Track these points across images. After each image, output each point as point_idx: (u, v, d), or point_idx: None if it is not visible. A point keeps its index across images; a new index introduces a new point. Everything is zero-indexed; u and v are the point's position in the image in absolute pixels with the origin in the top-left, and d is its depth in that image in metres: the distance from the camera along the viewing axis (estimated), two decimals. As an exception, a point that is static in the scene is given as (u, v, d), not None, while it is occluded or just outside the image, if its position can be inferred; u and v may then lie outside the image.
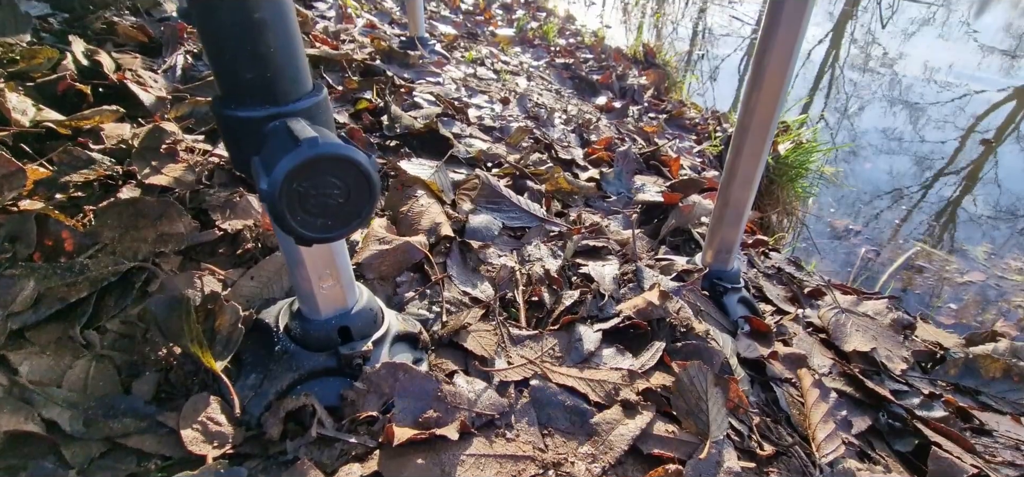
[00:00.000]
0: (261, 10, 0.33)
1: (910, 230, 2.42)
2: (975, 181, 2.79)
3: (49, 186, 0.64)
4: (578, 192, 1.06)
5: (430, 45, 1.57)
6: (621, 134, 1.55)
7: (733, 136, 0.75)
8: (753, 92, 0.70)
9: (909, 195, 2.66)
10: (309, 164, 0.29)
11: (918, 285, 2.05)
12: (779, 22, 0.64)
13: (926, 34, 5.40)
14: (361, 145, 0.96)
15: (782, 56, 0.66)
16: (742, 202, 0.79)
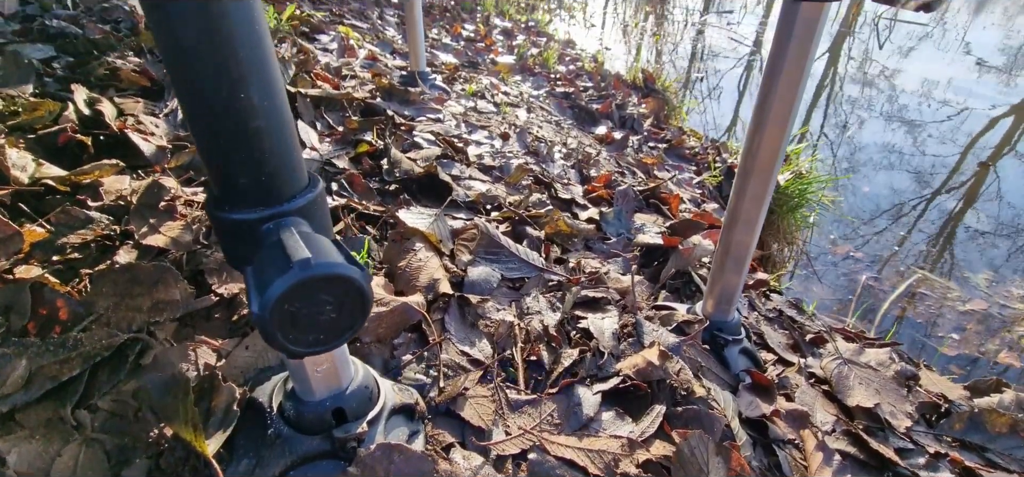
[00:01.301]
0: (258, 119, 0.32)
1: (910, 254, 2.41)
2: (973, 202, 2.79)
3: (46, 248, 0.64)
4: (578, 234, 1.05)
5: (430, 80, 1.59)
6: (621, 167, 1.55)
7: (735, 179, 0.74)
8: (755, 136, 0.69)
9: (909, 218, 2.66)
10: (301, 286, 0.29)
11: (920, 314, 2.04)
12: (781, 67, 0.64)
13: (923, 50, 5.44)
14: (361, 190, 0.96)
15: (785, 100, 0.65)
16: (744, 246, 0.78)
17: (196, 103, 0.32)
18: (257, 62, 0.32)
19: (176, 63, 0.30)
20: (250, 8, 0.31)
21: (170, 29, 0.29)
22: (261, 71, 0.32)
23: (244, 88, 0.31)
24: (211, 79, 0.30)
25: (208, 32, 0.29)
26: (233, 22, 0.30)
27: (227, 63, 0.30)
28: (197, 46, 0.29)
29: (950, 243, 2.46)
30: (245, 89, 0.31)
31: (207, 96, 0.31)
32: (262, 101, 0.32)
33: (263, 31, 0.32)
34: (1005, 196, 2.86)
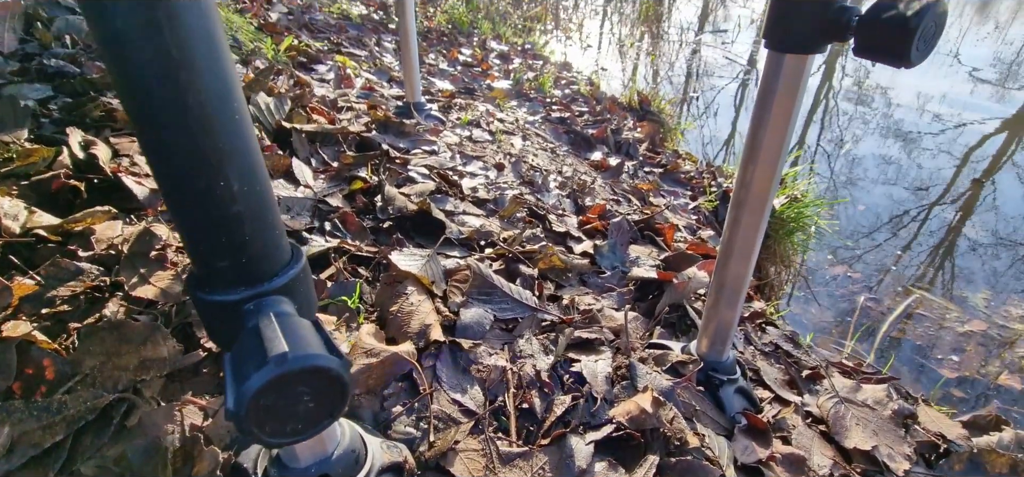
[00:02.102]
0: (237, 205, 0.33)
1: (908, 272, 2.41)
2: (969, 219, 2.79)
3: (35, 302, 0.64)
4: (572, 269, 1.05)
5: (426, 110, 1.60)
6: (616, 195, 1.56)
7: (728, 211, 0.73)
8: (748, 166, 0.68)
9: (906, 233, 2.66)
10: (278, 382, 0.28)
11: (920, 335, 2.03)
12: (768, 116, 0.64)
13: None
14: (354, 229, 0.96)
15: (777, 129, 0.64)
16: (740, 279, 0.77)
17: (173, 191, 0.32)
18: (236, 149, 0.32)
19: (153, 152, 0.31)
20: (229, 92, 0.31)
21: (148, 118, 0.29)
22: (241, 157, 0.32)
23: (223, 176, 0.31)
24: (188, 169, 0.31)
25: (185, 125, 0.29)
26: (211, 111, 0.30)
27: (205, 154, 0.30)
28: (174, 139, 0.30)
29: (946, 262, 2.46)
30: (224, 177, 0.31)
31: (184, 185, 0.31)
32: (242, 187, 0.32)
33: (242, 114, 0.32)
34: (1001, 212, 2.86)
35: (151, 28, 0.27)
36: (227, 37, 1.67)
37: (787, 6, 0.56)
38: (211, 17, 0.29)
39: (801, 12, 0.55)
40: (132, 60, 0.27)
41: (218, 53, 0.30)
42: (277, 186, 1.00)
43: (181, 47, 0.28)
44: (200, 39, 0.29)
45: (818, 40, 0.57)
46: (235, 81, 0.32)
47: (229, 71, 0.31)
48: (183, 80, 0.28)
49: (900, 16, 0.48)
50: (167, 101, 0.28)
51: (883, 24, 0.50)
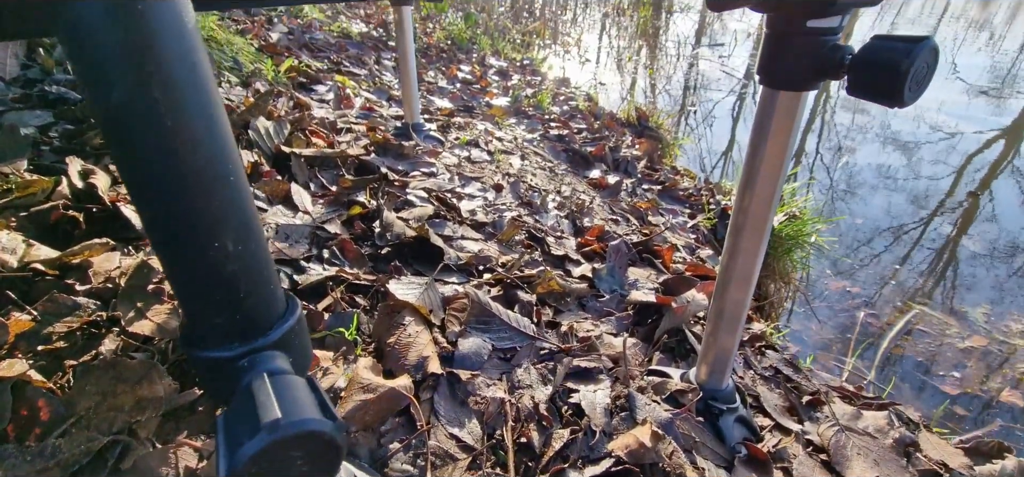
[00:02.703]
0: (233, 264, 0.33)
1: (907, 287, 2.41)
2: (966, 232, 2.79)
3: (32, 338, 0.64)
4: (570, 294, 1.05)
5: (425, 131, 1.61)
6: (615, 214, 1.56)
7: (727, 237, 0.73)
8: (746, 193, 0.68)
9: (904, 249, 2.66)
10: (271, 449, 0.28)
11: (920, 352, 2.02)
12: (763, 150, 0.64)
13: None
14: (352, 256, 0.96)
15: (773, 162, 0.64)
16: (739, 305, 0.77)
17: (167, 252, 0.32)
18: (232, 211, 0.32)
19: (147, 216, 0.31)
20: (225, 157, 0.31)
21: (143, 187, 0.30)
22: (236, 218, 0.32)
23: (218, 238, 0.31)
24: (183, 232, 0.31)
25: (180, 193, 0.29)
26: (207, 179, 0.30)
27: (200, 218, 0.30)
28: (169, 206, 0.30)
29: (945, 276, 2.46)
30: (219, 238, 0.31)
31: (179, 247, 0.31)
32: (236, 246, 0.32)
33: (238, 176, 0.32)
34: (997, 225, 2.87)
35: (148, 103, 0.27)
36: (228, 59, 1.68)
37: (780, 45, 0.57)
38: (206, 87, 0.29)
39: (794, 51, 0.56)
40: (128, 133, 0.28)
41: (214, 121, 0.30)
42: (276, 212, 1.00)
43: (177, 119, 0.28)
44: (196, 111, 0.29)
45: (811, 78, 0.57)
46: (231, 145, 0.32)
47: (225, 137, 0.31)
48: (179, 150, 0.29)
49: (892, 59, 0.49)
50: (163, 171, 0.29)
51: (875, 65, 0.50)
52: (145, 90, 0.27)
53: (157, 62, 0.27)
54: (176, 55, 0.28)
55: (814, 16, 0.53)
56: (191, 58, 0.29)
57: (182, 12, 0.28)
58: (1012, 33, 8.02)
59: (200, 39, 0.29)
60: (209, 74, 0.30)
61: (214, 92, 0.30)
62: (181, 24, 0.28)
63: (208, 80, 0.29)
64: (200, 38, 0.29)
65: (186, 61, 0.28)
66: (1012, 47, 7.16)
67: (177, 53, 0.28)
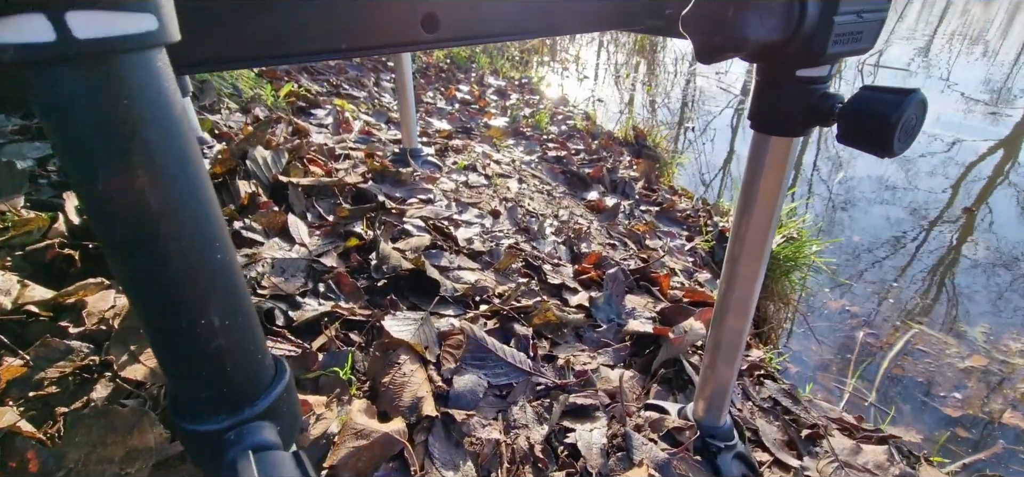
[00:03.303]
0: (219, 339, 0.33)
1: (905, 301, 2.40)
2: (963, 249, 2.80)
3: (23, 384, 0.63)
4: (567, 325, 1.05)
5: (423, 156, 1.61)
6: (612, 239, 1.56)
7: (724, 265, 0.72)
8: (742, 221, 0.67)
9: (903, 266, 2.66)
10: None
11: (921, 372, 2.01)
12: (755, 195, 0.64)
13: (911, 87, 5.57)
14: (348, 290, 0.96)
15: (766, 204, 0.63)
16: (737, 334, 0.76)
17: (152, 327, 0.32)
18: (220, 287, 0.32)
19: (132, 294, 0.31)
20: (213, 235, 0.31)
21: (127, 268, 0.29)
22: (224, 294, 0.32)
23: (205, 315, 0.31)
24: (168, 311, 0.31)
25: (166, 274, 0.29)
26: (193, 258, 0.30)
27: (187, 297, 0.30)
28: (154, 286, 0.30)
29: (943, 294, 2.45)
30: (206, 315, 0.31)
31: (164, 324, 0.31)
32: (223, 320, 0.32)
33: (225, 252, 0.32)
34: (995, 240, 2.87)
35: (134, 189, 0.27)
36: (227, 85, 1.69)
37: (770, 92, 0.57)
38: (193, 163, 0.30)
39: (784, 98, 0.56)
40: (112, 218, 0.28)
41: (200, 198, 0.30)
42: (272, 246, 1.00)
43: (163, 200, 0.28)
44: (183, 190, 0.29)
45: (802, 125, 0.57)
46: (218, 218, 0.32)
47: (212, 212, 0.31)
48: (164, 231, 0.29)
49: (881, 110, 0.49)
50: (147, 252, 0.29)
51: (865, 116, 0.50)
52: (131, 177, 0.27)
53: (143, 147, 0.27)
54: (163, 135, 0.28)
55: (803, 66, 0.54)
56: (178, 136, 0.29)
57: (167, 89, 0.28)
58: (1006, 47, 8.09)
59: (184, 111, 0.29)
60: (195, 148, 0.30)
61: (200, 166, 0.30)
62: (167, 102, 0.28)
63: (194, 155, 0.30)
64: (184, 110, 0.29)
65: (173, 141, 0.28)
66: (1007, 59, 7.22)
67: (164, 133, 0.28)
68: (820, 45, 0.50)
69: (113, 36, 0.24)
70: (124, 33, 0.24)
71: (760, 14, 0.47)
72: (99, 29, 0.23)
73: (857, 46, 0.53)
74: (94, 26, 0.23)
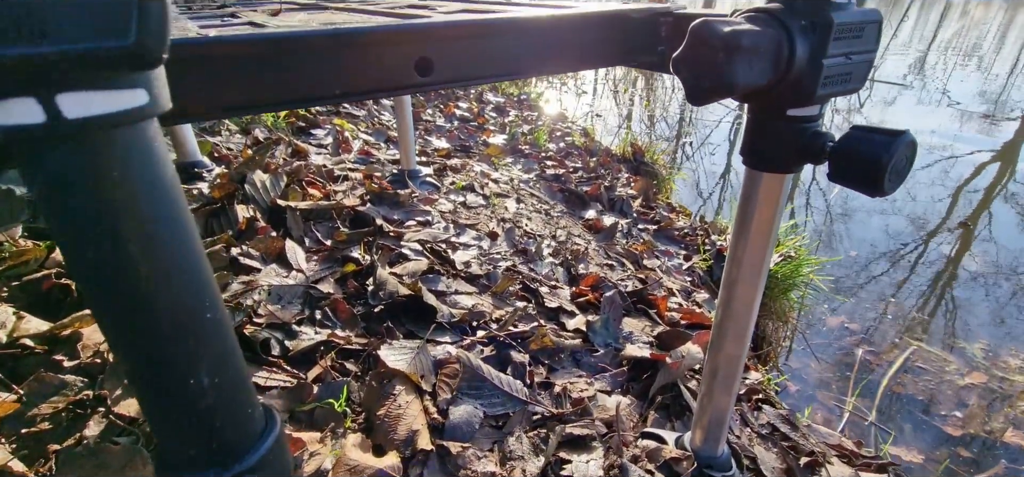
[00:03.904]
0: (208, 398, 0.32)
1: (903, 317, 2.40)
2: (961, 263, 2.80)
3: (16, 421, 0.63)
4: (564, 350, 1.04)
5: (421, 177, 1.62)
6: (610, 258, 1.56)
7: (720, 292, 0.72)
8: (738, 247, 0.67)
9: (901, 280, 2.65)
10: None
11: (920, 390, 2.00)
12: (749, 228, 0.64)
13: (907, 100, 5.62)
14: (345, 317, 0.95)
15: (759, 239, 0.63)
16: (734, 360, 0.76)
17: (140, 387, 0.32)
18: (209, 348, 0.32)
19: (120, 355, 0.31)
20: (202, 297, 0.31)
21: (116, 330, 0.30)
22: (213, 354, 0.32)
23: (194, 375, 0.31)
24: (156, 372, 0.31)
25: (155, 338, 0.29)
26: (182, 320, 0.30)
27: (175, 359, 0.30)
28: (142, 349, 0.30)
29: (941, 309, 2.45)
30: (195, 375, 0.31)
31: (152, 384, 0.31)
32: (213, 379, 0.32)
33: (215, 312, 0.32)
34: (991, 255, 2.88)
35: (123, 259, 0.27)
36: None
37: (762, 130, 0.58)
38: (184, 226, 0.30)
39: (775, 136, 0.57)
40: (101, 285, 0.28)
41: (191, 261, 0.30)
42: (269, 272, 1.00)
43: (153, 267, 0.28)
44: (173, 255, 0.29)
45: (793, 162, 0.58)
46: (208, 277, 0.32)
47: (202, 273, 0.31)
48: (154, 296, 0.29)
49: (872, 152, 0.49)
50: (136, 317, 0.29)
51: (855, 157, 0.51)
52: (120, 246, 0.27)
53: (134, 217, 0.27)
54: (153, 204, 0.28)
55: (793, 106, 0.54)
56: (168, 203, 0.29)
57: (158, 157, 0.28)
58: (1000, 59, 8.15)
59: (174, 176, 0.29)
60: (185, 211, 0.30)
61: (190, 226, 0.30)
62: (158, 171, 0.28)
63: (184, 218, 0.30)
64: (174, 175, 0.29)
65: (164, 208, 0.29)
66: (1002, 71, 7.27)
67: (154, 201, 0.28)
68: (809, 87, 0.51)
69: (104, 114, 0.24)
70: (115, 110, 0.25)
71: (749, 59, 0.47)
72: (90, 109, 0.24)
73: (846, 86, 0.54)
74: (85, 106, 0.24)
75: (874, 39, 0.54)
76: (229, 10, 0.74)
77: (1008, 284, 2.62)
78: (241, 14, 0.69)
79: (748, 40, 0.46)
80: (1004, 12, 8.24)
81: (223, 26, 0.56)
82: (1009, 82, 6.66)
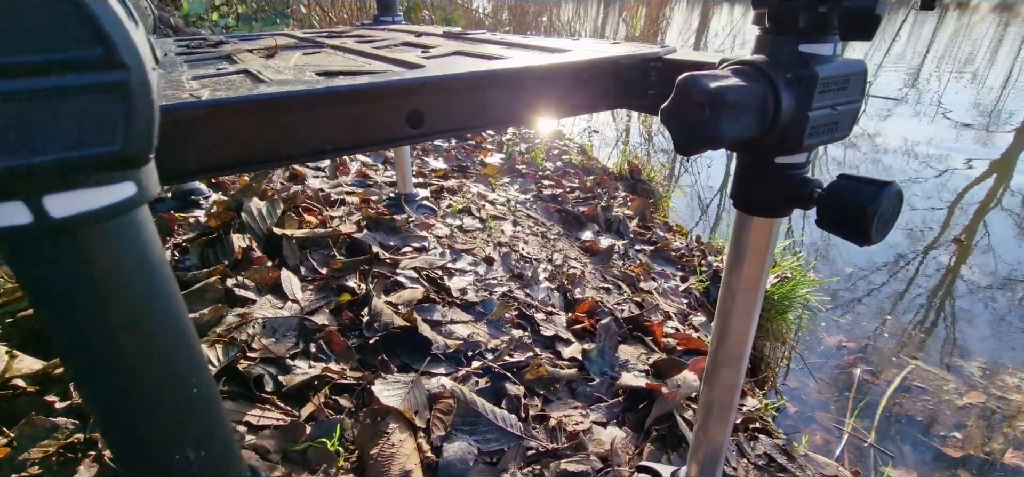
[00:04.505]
0: (196, 471, 0.33)
1: (902, 333, 2.40)
2: (957, 279, 2.80)
3: (7, 465, 0.63)
4: (560, 380, 1.04)
5: (417, 201, 1.63)
6: (606, 282, 1.56)
7: (714, 321, 0.72)
8: (732, 278, 0.66)
9: (898, 297, 2.66)
10: None
11: (919, 410, 2.00)
12: (744, 253, 0.64)
13: (902, 113, 5.67)
14: (339, 350, 0.95)
15: (753, 271, 0.63)
16: (731, 389, 0.75)
17: (125, 461, 0.32)
18: (195, 423, 0.32)
19: (105, 432, 0.31)
20: (188, 373, 0.31)
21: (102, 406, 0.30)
22: (199, 424, 0.32)
23: (180, 449, 0.32)
24: (142, 447, 0.31)
25: (140, 413, 0.30)
26: (166, 397, 0.30)
27: (161, 435, 0.31)
28: (128, 425, 0.30)
29: (937, 326, 2.45)
30: (181, 449, 0.32)
31: (138, 458, 0.31)
32: (199, 453, 0.32)
33: (202, 386, 0.32)
34: (986, 270, 2.89)
35: (108, 333, 0.27)
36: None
37: (750, 175, 0.58)
38: (169, 299, 0.30)
39: (764, 183, 0.57)
40: (86, 360, 0.28)
41: (176, 334, 0.31)
42: (264, 304, 1.00)
43: (138, 341, 0.28)
44: (158, 329, 0.29)
45: (781, 207, 0.58)
46: (195, 351, 0.32)
47: (189, 346, 0.31)
48: (139, 370, 0.29)
49: (858, 202, 0.50)
50: (120, 391, 0.29)
51: (843, 206, 0.51)
52: (107, 330, 0.27)
53: (121, 301, 0.27)
54: (140, 286, 0.28)
55: (780, 155, 0.55)
56: (156, 284, 0.29)
57: (146, 241, 0.28)
58: (994, 72, 8.23)
59: (162, 256, 0.30)
60: (172, 287, 0.30)
61: (177, 303, 0.31)
62: (145, 254, 0.28)
63: (171, 295, 0.30)
64: (162, 255, 0.30)
65: (151, 289, 0.29)
66: (995, 84, 7.34)
67: (141, 284, 0.28)
68: (796, 139, 0.51)
69: (91, 210, 0.25)
70: (102, 206, 0.25)
71: (735, 114, 0.48)
72: (76, 207, 0.24)
73: (833, 136, 0.55)
74: (71, 205, 0.24)
75: (859, 90, 0.55)
76: (226, 52, 0.75)
77: (1003, 299, 2.62)
78: (237, 56, 0.70)
79: (734, 96, 0.47)
80: (995, 27, 8.37)
81: (219, 75, 0.56)
82: (1003, 94, 6.71)
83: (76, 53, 0.21)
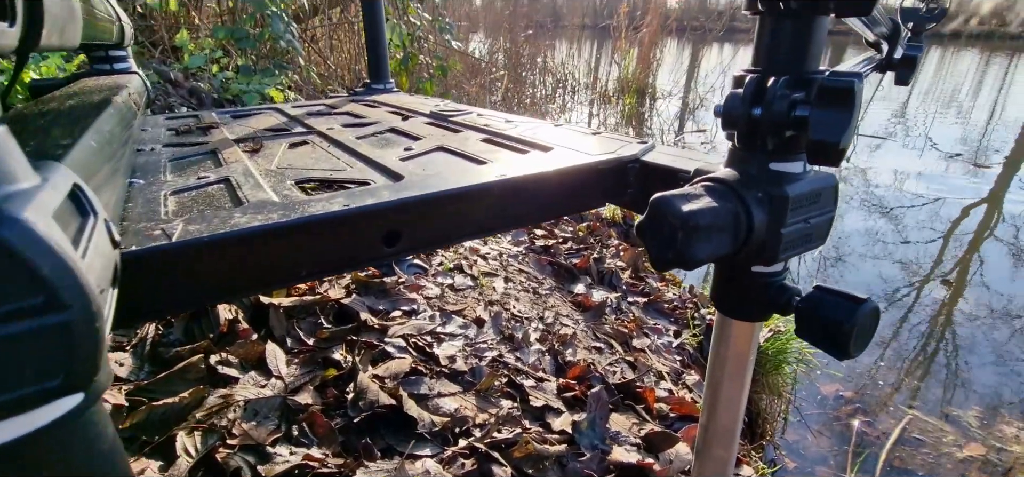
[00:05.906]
0: None
1: (898, 380, 2.38)
2: (949, 325, 2.79)
3: None
4: (549, 457, 1.02)
5: (408, 261, 1.63)
6: (598, 340, 1.55)
7: (704, 392, 0.70)
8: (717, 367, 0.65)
9: (894, 342, 2.64)
10: None
11: (920, 465, 1.96)
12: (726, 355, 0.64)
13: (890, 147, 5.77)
14: (323, 432, 0.93)
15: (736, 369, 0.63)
16: (723, 464, 0.73)
17: None
18: None
19: None
20: None
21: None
22: None
23: None
24: None
25: None
26: None
27: None
28: None
29: (932, 374, 2.42)
30: None
31: None
32: None
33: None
34: (984, 301, 2.89)
35: None
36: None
37: (728, 282, 0.59)
38: None
39: (742, 290, 0.57)
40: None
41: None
42: (246, 383, 0.99)
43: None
44: None
45: (761, 312, 0.58)
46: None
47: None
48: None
49: (836, 317, 0.50)
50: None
51: (820, 320, 0.51)
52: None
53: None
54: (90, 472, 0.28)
55: (757, 265, 0.55)
56: (106, 467, 0.28)
57: (97, 434, 0.28)
58: (978, 106, 8.42)
59: (122, 453, 0.29)
60: (124, 465, 0.30)
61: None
62: (98, 447, 0.28)
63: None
64: (121, 451, 0.29)
65: (101, 472, 0.28)
66: (980, 119, 7.50)
67: (91, 470, 0.28)
68: (771, 253, 0.52)
69: (36, 429, 0.24)
70: (48, 422, 0.25)
71: (708, 235, 0.48)
72: (18, 430, 0.24)
73: (808, 246, 0.55)
74: (15, 429, 0.24)
75: (832, 201, 0.55)
76: (212, 145, 0.76)
77: (999, 337, 2.61)
78: (222, 154, 0.71)
79: (706, 219, 0.47)
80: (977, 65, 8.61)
81: (199, 186, 0.57)
82: (989, 129, 6.85)
83: (16, 303, 0.20)
